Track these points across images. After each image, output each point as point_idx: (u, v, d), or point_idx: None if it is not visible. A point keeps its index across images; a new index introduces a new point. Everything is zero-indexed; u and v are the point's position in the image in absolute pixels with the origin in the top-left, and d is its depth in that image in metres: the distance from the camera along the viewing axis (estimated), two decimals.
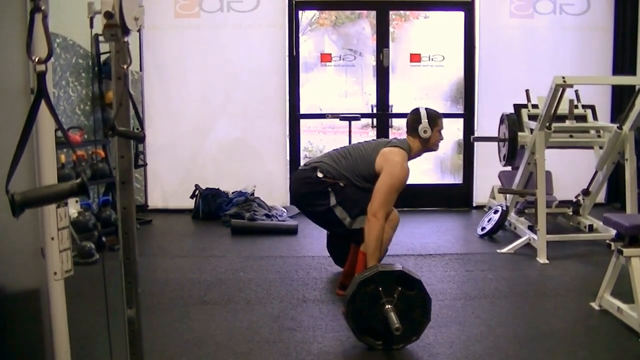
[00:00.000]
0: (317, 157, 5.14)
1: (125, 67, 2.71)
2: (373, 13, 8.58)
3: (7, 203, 1.88)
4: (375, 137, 8.06)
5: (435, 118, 4.99)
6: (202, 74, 8.43)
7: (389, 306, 4.04)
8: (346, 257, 5.17)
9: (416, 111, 5.01)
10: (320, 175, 4.78)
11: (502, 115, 7.03)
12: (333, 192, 4.80)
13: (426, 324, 4.17)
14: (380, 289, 4.05)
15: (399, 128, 8.55)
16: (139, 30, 2.54)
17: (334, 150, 5.14)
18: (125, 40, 2.57)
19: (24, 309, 3.14)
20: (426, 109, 5.02)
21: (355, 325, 4.15)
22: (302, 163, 8.46)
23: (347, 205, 4.81)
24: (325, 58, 8.64)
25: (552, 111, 6.14)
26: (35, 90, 1.91)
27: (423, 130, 4.91)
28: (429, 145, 5.03)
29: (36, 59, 1.85)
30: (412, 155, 4.97)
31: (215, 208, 7.95)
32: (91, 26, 2.61)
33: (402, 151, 4.85)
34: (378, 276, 4.11)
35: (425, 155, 5.16)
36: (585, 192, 7.04)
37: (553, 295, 5.25)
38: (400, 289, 4.06)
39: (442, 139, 5.11)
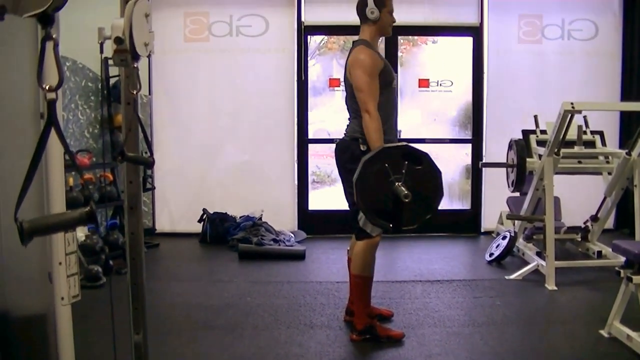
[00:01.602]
0: (350, 123, 4.82)
1: (134, 92, 2.72)
2: (381, 38, 8.58)
3: (15, 228, 1.88)
4: None
5: None
6: (210, 98, 8.46)
7: (398, 183, 3.94)
8: None
9: None
10: (363, 147, 4.53)
11: (511, 141, 7.02)
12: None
13: (439, 200, 4.09)
14: (387, 165, 3.95)
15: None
16: (148, 56, 2.55)
17: (346, 106, 4.91)
18: (135, 65, 2.58)
19: (30, 334, 3.13)
20: None
21: (366, 206, 4.08)
22: (310, 188, 8.50)
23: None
24: (334, 83, 8.65)
25: (561, 137, 6.13)
26: (45, 116, 1.91)
27: (370, 12, 4.80)
28: (380, 27, 4.88)
29: (47, 87, 1.86)
30: (371, 44, 4.82)
31: (222, 232, 7.94)
32: (101, 51, 2.63)
33: (358, 46, 4.76)
34: (383, 153, 4.03)
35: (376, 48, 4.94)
36: (594, 218, 7.01)
37: (562, 322, 5.22)
38: (407, 163, 3.96)
39: (394, 21, 4.93)
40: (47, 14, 1.84)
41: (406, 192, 3.85)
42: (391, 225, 4.07)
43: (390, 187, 3.94)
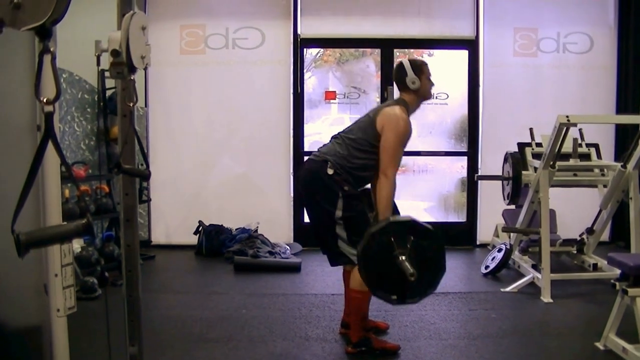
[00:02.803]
0: (327, 146, 4.86)
1: (131, 104, 2.73)
2: (377, 51, 8.63)
3: (11, 240, 1.88)
4: None
5: (419, 66, 4.84)
6: (206, 110, 8.47)
7: (403, 257, 3.99)
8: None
9: (399, 65, 4.87)
10: (330, 172, 4.59)
11: (506, 154, 7.04)
12: (342, 198, 4.56)
13: (442, 275, 4.13)
14: (393, 239, 4.00)
15: (403, 165, 8.55)
16: (145, 68, 2.56)
17: (338, 134, 4.90)
18: (132, 78, 2.59)
19: (26, 346, 3.13)
20: (409, 59, 4.88)
21: (369, 279, 4.10)
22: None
23: (350, 227, 4.56)
24: (330, 95, 8.67)
25: (556, 150, 6.15)
26: (42, 129, 1.92)
27: (411, 82, 4.77)
28: (422, 94, 4.87)
29: (44, 100, 1.86)
30: (410, 109, 4.83)
31: (218, 244, 7.93)
32: (98, 63, 2.63)
33: (400, 107, 4.73)
34: (389, 227, 4.07)
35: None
36: (590, 231, 7.03)
37: (557, 335, 5.22)
38: (412, 238, 4.01)
39: (433, 85, 4.93)
40: (45, 27, 1.85)
41: (412, 271, 3.92)
42: (395, 298, 4.11)
43: (395, 260, 4.00)
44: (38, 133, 2.94)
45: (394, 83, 4.95)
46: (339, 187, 4.55)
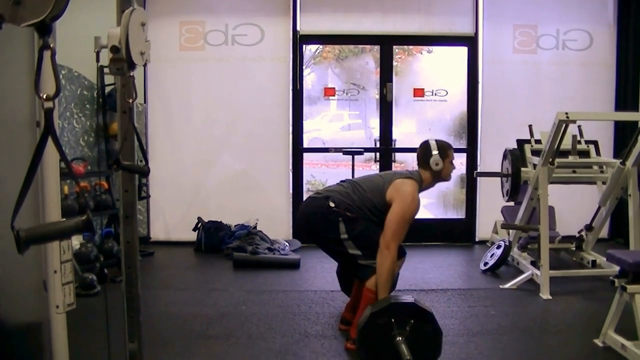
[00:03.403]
0: (328, 187, 5.05)
1: (130, 101, 2.73)
2: (377, 47, 8.63)
3: (11, 237, 1.88)
4: (378, 171, 8.00)
5: (445, 149, 4.94)
6: (205, 107, 8.47)
7: (400, 338, 4.03)
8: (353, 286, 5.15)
9: (426, 144, 4.97)
10: (332, 204, 4.70)
11: (505, 151, 7.04)
12: (343, 222, 4.68)
13: (437, 357, 4.17)
14: (393, 320, 4.04)
15: (402, 162, 8.56)
16: (144, 64, 2.55)
17: (344, 180, 5.07)
18: (131, 74, 2.58)
19: (25, 343, 3.13)
20: (436, 140, 4.97)
21: (365, 357, 4.14)
22: (304, 197, 8.48)
23: (361, 243, 4.70)
24: (329, 92, 8.67)
25: (555, 147, 6.15)
26: (41, 125, 1.91)
27: (435, 163, 4.86)
28: (441, 176, 4.98)
29: (44, 96, 1.86)
30: (423, 186, 4.93)
31: (217, 241, 7.93)
32: (97, 60, 2.63)
33: (413, 182, 4.80)
34: (391, 308, 4.11)
35: (427, 189, 5.11)
36: (589, 228, 7.03)
37: (556, 332, 5.22)
38: (412, 321, 4.05)
39: (454, 168, 5.06)
40: (45, 23, 1.85)
41: (408, 357, 3.96)
42: None
43: (392, 341, 4.06)
44: (37, 129, 2.94)
45: (417, 159, 5.03)
46: (339, 215, 4.69)
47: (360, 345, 4.14)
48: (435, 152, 4.87)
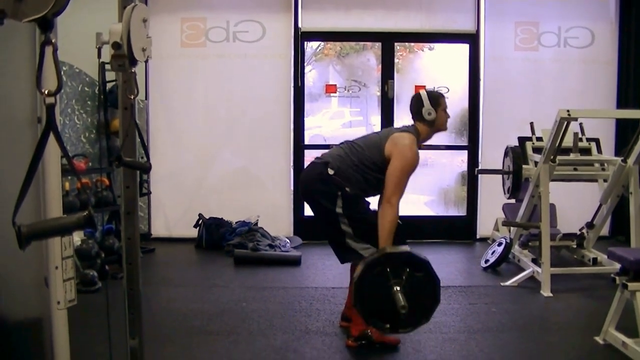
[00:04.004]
0: (330, 151, 4.94)
1: (132, 97, 2.73)
2: (378, 44, 8.62)
3: (12, 232, 1.88)
4: None
5: (437, 98, 4.87)
6: (207, 103, 8.47)
7: (397, 288, 4.01)
8: None
9: (417, 95, 4.90)
10: (331, 172, 4.62)
11: (507, 148, 7.04)
12: (341, 197, 4.59)
13: (435, 307, 4.16)
14: (388, 270, 4.03)
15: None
16: (145, 61, 2.55)
17: (343, 142, 4.96)
18: (133, 70, 2.58)
19: (26, 339, 3.13)
20: (427, 90, 4.94)
21: (362, 308, 4.13)
22: None
23: (355, 223, 4.60)
24: (330, 89, 8.67)
25: (557, 144, 6.14)
26: (42, 121, 1.92)
27: (427, 113, 4.78)
28: (437, 126, 4.89)
29: (46, 92, 1.86)
30: (421, 139, 4.85)
31: (218, 238, 7.93)
32: (99, 56, 2.63)
33: (410, 135, 4.73)
34: (385, 258, 4.10)
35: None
36: (590, 225, 7.03)
37: (557, 329, 5.22)
38: (408, 270, 4.04)
39: (448, 117, 4.96)
40: (47, 18, 1.85)
41: (403, 303, 3.95)
42: (388, 327, 4.15)
43: (389, 291, 4.03)
44: (39, 125, 2.93)
45: (410, 112, 4.97)
46: (338, 187, 4.59)
47: (357, 295, 4.12)
48: (427, 102, 4.80)
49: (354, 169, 4.66)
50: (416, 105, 4.86)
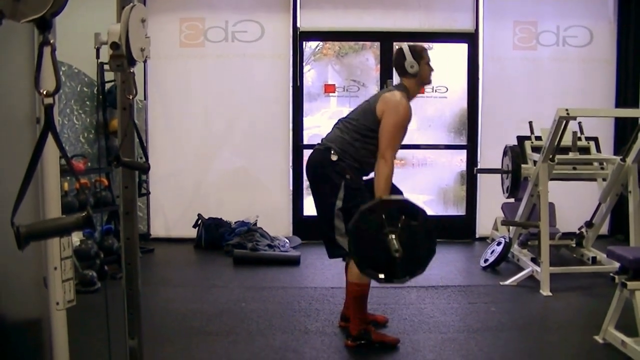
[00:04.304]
0: (329, 135, 4.88)
1: (130, 97, 2.73)
2: (377, 44, 8.62)
3: (11, 233, 1.88)
4: None
5: (419, 52, 4.84)
6: (205, 103, 8.46)
7: (392, 236, 3.98)
8: None
9: (399, 50, 4.87)
10: (334, 158, 4.60)
11: (506, 147, 7.04)
12: (345, 187, 4.56)
13: (431, 257, 4.12)
14: (384, 216, 4.00)
15: (402, 159, 8.54)
16: (144, 61, 2.55)
17: (340, 120, 4.92)
18: (131, 70, 2.58)
19: (25, 339, 3.13)
20: (409, 45, 4.88)
21: (358, 256, 4.12)
22: (304, 194, 8.49)
23: (349, 219, 4.53)
24: (329, 89, 8.67)
25: (556, 143, 6.15)
26: (41, 121, 1.92)
27: (410, 66, 4.76)
28: (421, 79, 4.87)
29: (44, 92, 1.86)
30: (410, 94, 4.83)
31: (217, 238, 7.93)
32: (97, 56, 2.63)
33: (400, 92, 4.73)
34: (381, 204, 4.09)
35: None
36: (589, 224, 7.03)
37: (556, 328, 5.22)
38: (403, 218, 4.01)
39: (432, 70, 4.92)
40: (45, 19, 1.84)
41: (397, 247, 3.92)
42: (382, 277, 4.10)
43: (384, 239, 3.99)
44: (37, 126, 2.93)
45: (394, 68, 4.94)
46: (342, 175, 4.56)
47: (352, 242, 4.10)
48: (408, 55, 4.77)
49: (356, 145, 4.65)
50: (398, 59, 4.84)
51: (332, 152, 4.61)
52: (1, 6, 1.79)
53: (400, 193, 4.85)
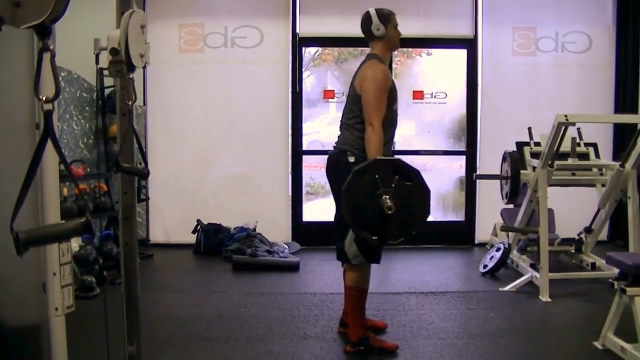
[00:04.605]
0: (340, 137, 4.78)
1: (130, 103, 2.73)
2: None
3: (9, 238, 1.88)
4: None
5: (386, 15, 4.77)
6: (205, 109, 8.47)
7: (386, 196, 3.96)
8: None
9: (366, 13, 4.80)
10: (351, 159, 4.53)
11: (505, 153, 7.04)
12: None
13: (426, 217, 4.11)
14: (377, 176, 3.98)
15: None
16: (144, 67, 2.55)
17: (340, 123, 4.84)
18: (131, 76, 2.58)
19: (24, 345, 3.12)
20: (376, 9, 4.78)
21: (352, 217, 4.09)
22: (304, 199, 8.50)
23: None
24: (328, 94, 8.67)
25: (555, 149, 6.15)
26: (40, 127, 1.92)
27: (376, 29, 4.70)
28: (388, 43, 4.78)
29: (44, 98, 1.86)
30: (382, 59, 4.73)
31: (216, 243, 7.93)
32: (97, 62, 2.63)
33: (372, 60, 4.69)
34: (375, 165, 4.06)
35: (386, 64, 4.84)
36: (588, 230, 7.03)
37: (555, 334, 5.21)
38: (397, 177, 3.98)
39: (399, 34, 4.85)
40: (45, 25, 1.85)
41: (390, 204, 3.88)
42: (375, 238, 4.08)
43: (378, 199, 3.96)
44: (36, 131, 2.94)
45: (363, 34, 4.84)
46: None
47: (346, 205, 4.07)
48: (375, 18, 4.71)
49: (363, 137, 4.58)
50: (365, 23, 4.78)
51: (349, 153, 4.58)
52: (1, 12, 1.79)
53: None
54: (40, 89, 1.89)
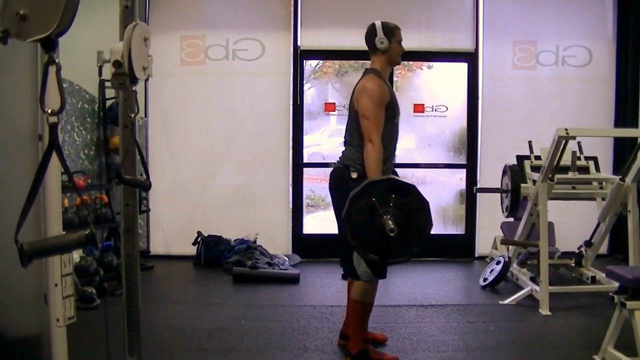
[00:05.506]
0: (344, 153, 4.80)
1: (132, 115, 2.74)
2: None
3: (11, 249, 1.89)
4: None
5: (391, 29, 4.78)
6: (206, 121, 8.48)
7: (386, 216, 3.94)
8: None
9: (371, 26, 4.81)
10: (354, 175, 4.55)
11: (505, 167, 7.05)
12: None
13: (429, 228, 4.09)
14: (374, 199, 3.97)
15: (402, 177, 8.54)
16: (146, 79, 2.57)
17: (345, 136, 4.85)
18: (134, 89, 2.60)
19: (25, 356, 3.13)
20: (382, 22, 4.80)
21: (356, 242, 4.09)
22: (304, 212, 8.50)
23: None
24: (329, 107, 8.69)
25: (555, 162, 6.16)
26: (44, 138, 1.93)
27: (380, 42, 4.71)
28: (390, 57, 4.80)
29: (49, 111, 1.87)
30: (381, 74, 4.74)
31: (217, 255, 7.93)
32: (100, 74, 2.64)
33: (368, 75, 4.70)
34: (369, 187, 4.04)
35: (385, 77, 4.84)
36: (588, 244, 7.03)
37: (555, 348, 5.21)
38: (394, 196, 3.97)
39: (403, 50, 4.88)
40: (51, 39, 1.86)
41: (392, 226, 3.89)
42: (376, 257, 4.09)
43: (379, 221, 3.97)
44: (40, 143, 2.95)
45: (366, 45, 4.85)
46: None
47: (349, 232, 4.07)
48: (380, 31, 4.72)
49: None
50: (370, 35, 4.79)
51: (352, 169, 4.59)
52: (7, 26, 1.81)
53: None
54: (45, 102, 1.90)
